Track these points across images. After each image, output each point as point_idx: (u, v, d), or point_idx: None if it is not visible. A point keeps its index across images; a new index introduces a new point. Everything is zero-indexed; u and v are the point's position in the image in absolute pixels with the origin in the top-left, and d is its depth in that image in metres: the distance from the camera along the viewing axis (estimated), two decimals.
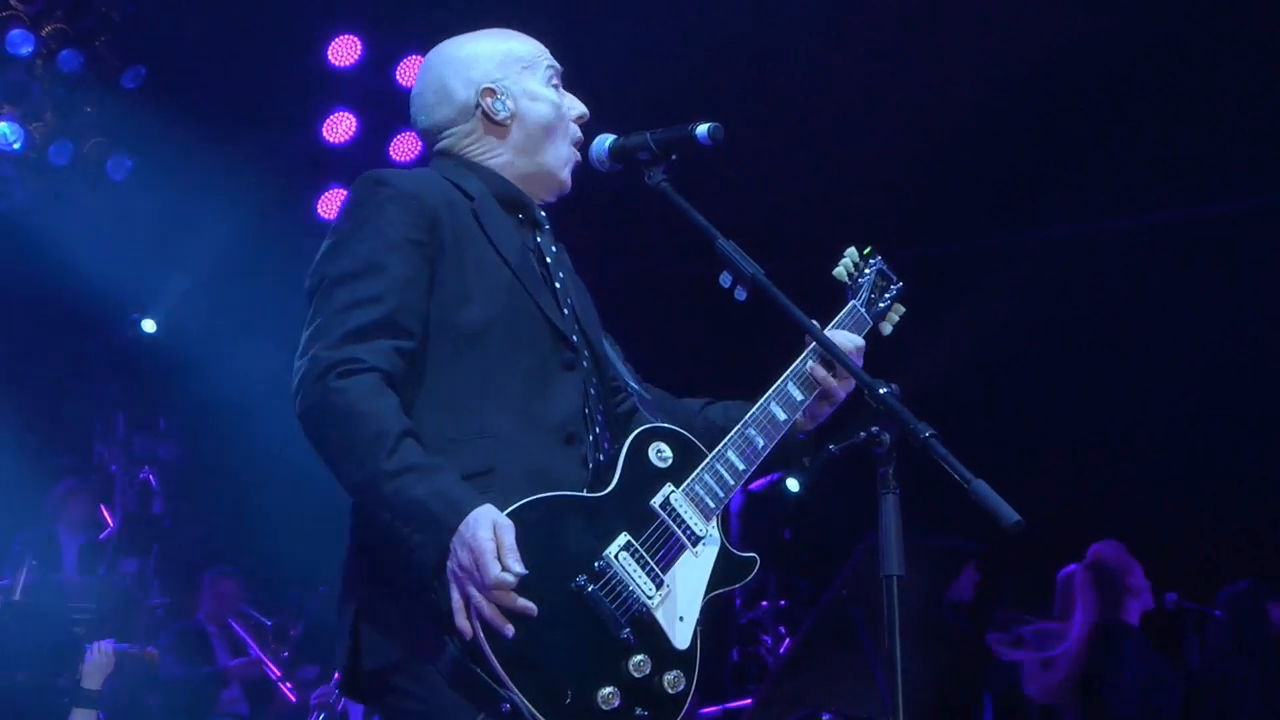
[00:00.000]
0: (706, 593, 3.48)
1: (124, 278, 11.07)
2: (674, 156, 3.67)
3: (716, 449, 3.58)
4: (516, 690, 3.13)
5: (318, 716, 10.20)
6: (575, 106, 3.84)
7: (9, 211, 10.41)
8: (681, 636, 3.39)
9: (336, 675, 10.05)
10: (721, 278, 3.54)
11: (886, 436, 3.27)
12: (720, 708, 8.72)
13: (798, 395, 3.71)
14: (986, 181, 10.97)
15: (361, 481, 3.22)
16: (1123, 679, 8.24)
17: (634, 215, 9.44)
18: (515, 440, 3.41)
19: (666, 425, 3.63)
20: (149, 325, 11.81)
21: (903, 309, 4.07)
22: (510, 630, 3.12)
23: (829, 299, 3.91)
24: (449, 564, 3.15)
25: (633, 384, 3.83)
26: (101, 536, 10.79)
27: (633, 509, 3.44)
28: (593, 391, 3.63)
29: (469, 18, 4.06)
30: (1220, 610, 8.72)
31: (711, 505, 3.52)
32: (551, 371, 3.55)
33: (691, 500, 3.51)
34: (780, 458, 3.74)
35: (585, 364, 3.63)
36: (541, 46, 3.88)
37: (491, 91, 3.73)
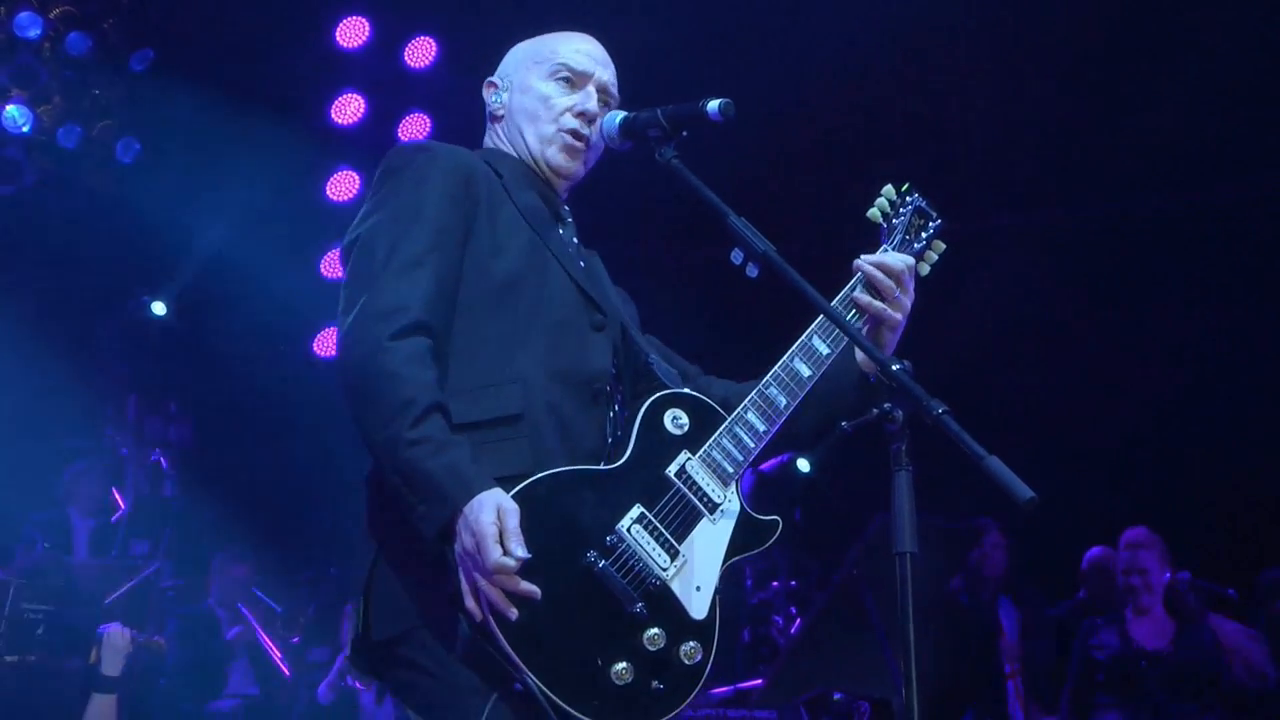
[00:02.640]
0: (726, 559, 3.48)
1: (133, 260, 11.07)
2: (684, 133, 3.67)
3: (734, 412, 3.57)
4: (528, 671, 3.13)
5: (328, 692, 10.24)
6: (578, 103, 3.86)
7: (18, 194, 10.40)
8: (698, 606, 3.39)
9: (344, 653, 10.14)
10: (733, 255, 3.53)
11: (899, 413, 3.25)
12: (731, 688, 8.71)
13: (823, 349, 3.66)
14: (1002, 162, 10.95)
15: (381, 441, 3.24)
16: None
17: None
18: (544, 389, 3.44)
19: (683, 391, 3.63)
20: (159, 308, 11.79)
21: (943, 246, 3.96)
22: (514, 614, 3.13)
23: (842, 281, 3.87)
24: (455, 547, 3.17)
25: (656, 359, 3.82)
26: (113, 519, 10.79)
27: (647, 479, 3.45)
28: (616, 368, 3.66)
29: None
30: (1233, 590, 8.75)
31: (730, 470, 3.52)
32: (582, 330, 3.59)
33: (709, 466, 3.51)
34: (842, 405, 3.66)
35: (615, 339, 3.67)
36: (570, 47, 3.92)
37: (493, 85, 3.92)
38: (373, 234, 3.46)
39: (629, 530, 3.35)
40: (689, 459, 3.49)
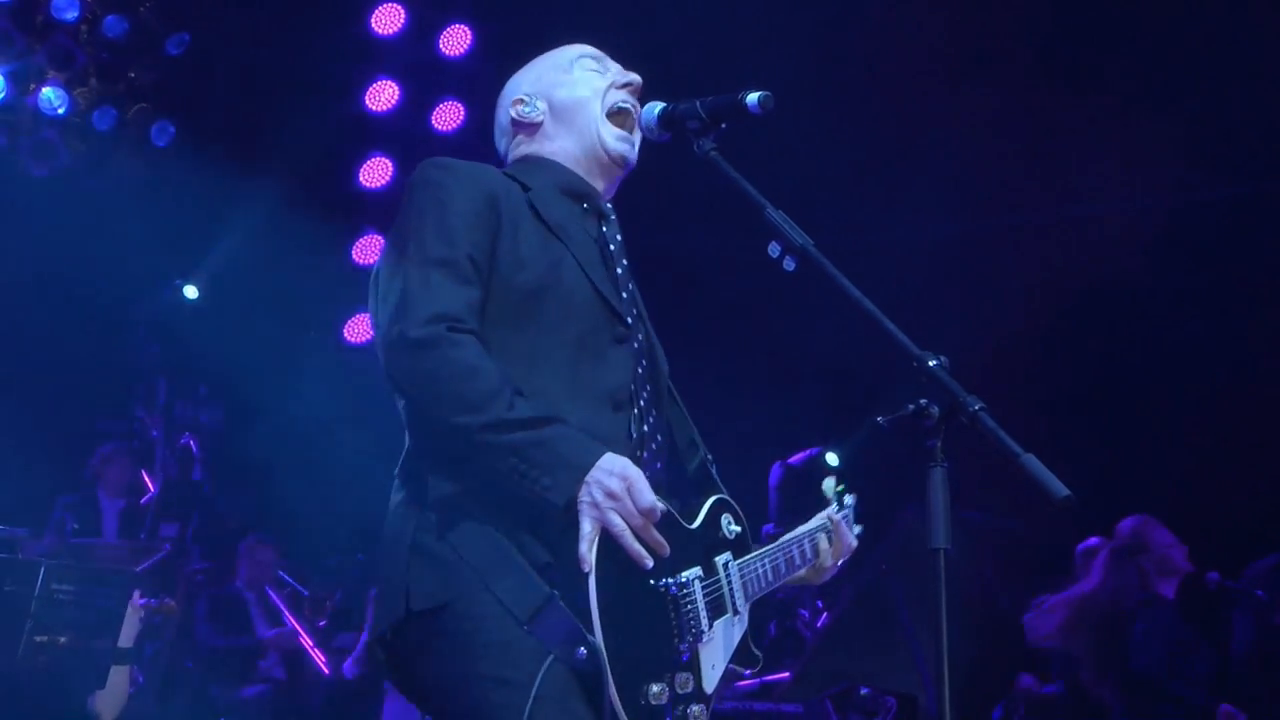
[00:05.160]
0: (728, 661, 3.60)
1: (166, 244, 11.10)
2: (724, 125, 3.68)
3: (765, 549, 3.78)
4: (601, 637, 3.16)
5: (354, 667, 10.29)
6: (620, 76, 3.88)
7: (53, 176, 10.44)
8: (709, 681, 3.47)
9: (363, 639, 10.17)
10: (770, 248, 3.54)
11: (935, 409, 3.26)
12: (757, 681, 8.71)
13: (809, 553, 3.94)
14: (1022, 158, 10.92)
15: (475, 428, 3.25)
16: (1143, 638, 8.22)
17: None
18: (563, 403, 3.44)
19: (737, 508, 3.79)
20: (191, 291, 11.84)
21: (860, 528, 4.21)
22: (650, 562, 3.25)
23: (870, 274, 3.86)
24: (583, 497, 3.21)
25: (710, 460, 3.96)
26: (142, 501, 10.84)
27: (705, 554, 3.57)
28: (640, 371, 3.66)
29: None
30: (1261, 590, 8.67)
31: (752, 591, 3.68)
32: (603, 342, 3.59)
33: (742, 577, 3.65)
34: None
35: (637, 344, 3.67)
36: (585, 47, 3.93)
37: (519, 101, 3.87)
38: (406, 252, 3.47)
39: (692, 582, 3.44)
40: (731, 560, 3.64)
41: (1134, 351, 11.31)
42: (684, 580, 3.39)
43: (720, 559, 3.60)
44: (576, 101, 3.82)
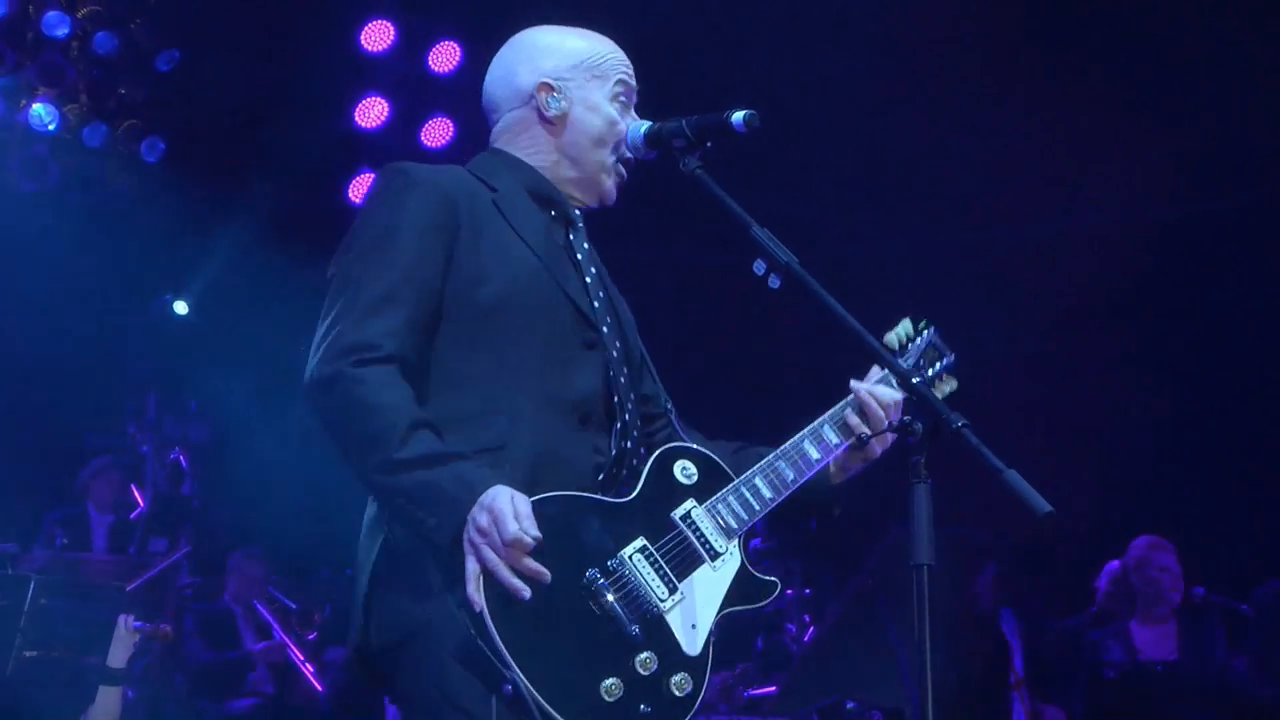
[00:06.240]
0: (722, 608, 3.51)
1: (156, 259, 11.12)
2: (709, 143, 3.66)
3: (744, 475, 3.62)
4: (518, 670, 3.15)
5: None
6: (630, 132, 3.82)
7: (43, 192, 10.46)
8: (692, 643, 3.42)
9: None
10: (755, 265, 3.53)
11: (919, 426, 3.28)
12: (745, 694, 8.74)
13: (832, 438, 3.72)
14: (1019, 170, 10.94)
15: (371, 469, 3.28)
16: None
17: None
18: (529, 418, 3.44)
19: (694, 447, 3.67)
20: (181, 307, 11.86)
21: (955, 383, 3.95)
22: (527, 593, 3.18)
23: (863, 287, 3.88)
24: (464, 534, 3.20)
25: (670, 409, 3.86)
26: (131, 516, 10.84)
27: (652, 518, 3.49)
28: (623, 380, 3.64)
29: (501, 2, 4.06)
30: (1246, 605, 8.72)
31: (734, 526, 3.56)
32: (572, 349, 3.57)
33: (713, 518, 3.54)
34: (810, 503, 3.75)
35: (615, 352, 3.64)
36: (624, 61, 3.86)
37: (549, 87, 3.75)
38: (352, 264, 3.47)
39: (630, 558, 3.39)
40: (695, 507, 3.54)
41: (1131, 365, 11.34)
42: (614, 564, 3.34)
43: (679, 511, 3.50)
44: (599, 138, 3.76)
